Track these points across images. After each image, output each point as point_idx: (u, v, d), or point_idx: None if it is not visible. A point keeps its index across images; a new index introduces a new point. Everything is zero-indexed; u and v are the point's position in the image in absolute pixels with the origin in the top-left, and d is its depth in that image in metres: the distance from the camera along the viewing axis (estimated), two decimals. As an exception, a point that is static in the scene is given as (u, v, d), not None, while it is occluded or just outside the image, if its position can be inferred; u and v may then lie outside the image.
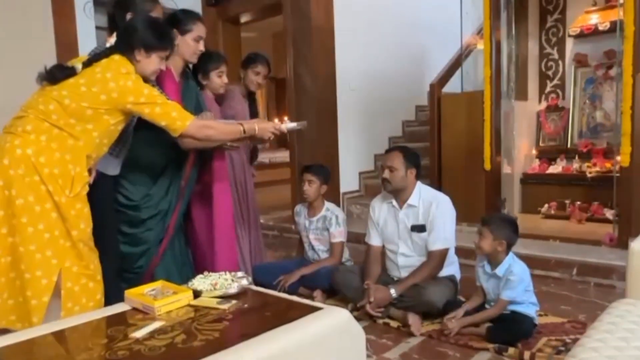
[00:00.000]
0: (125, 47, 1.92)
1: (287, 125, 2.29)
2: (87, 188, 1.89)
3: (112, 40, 1.99)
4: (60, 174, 1.79)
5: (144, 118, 1.93)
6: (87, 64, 1.88)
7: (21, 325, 1.76)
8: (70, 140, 1.83)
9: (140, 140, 2.16)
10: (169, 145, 2.18)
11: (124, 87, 1.84)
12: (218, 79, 2.71)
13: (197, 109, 2.37)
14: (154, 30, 1.97)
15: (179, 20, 2.27)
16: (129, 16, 2.13)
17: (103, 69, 1.86)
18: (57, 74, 1.85)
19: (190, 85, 2.42)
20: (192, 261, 2.47)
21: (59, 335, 1.46)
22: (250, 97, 3.10)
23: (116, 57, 1.90)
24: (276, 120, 2.28)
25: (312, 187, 2.90)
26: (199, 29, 2.29)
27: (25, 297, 1.76)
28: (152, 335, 1.39)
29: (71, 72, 1.85)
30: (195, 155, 2.35)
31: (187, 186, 2.37)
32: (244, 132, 2.12)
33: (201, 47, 2.32)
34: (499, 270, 2.24)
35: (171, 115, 1.90)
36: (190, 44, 2.28)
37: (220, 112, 2.79)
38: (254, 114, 3.08)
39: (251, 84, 3.01)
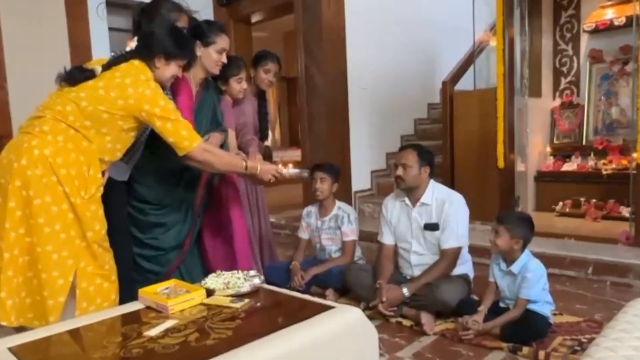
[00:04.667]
0: (145, 53, 1.93)
1: (290, 171, 2.29)
2: (101, 190, 1.90)
3: (132, 44, 2.00)
4: (76, 175, 1.81)
5: (153, 129, 1.94)
6: (107, 67, 1.90)
7: (38, 324, 1.78)
8: (84, 142, 1.84)
9: (154, 144, 2.17)
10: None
11: (142, 95, 1.85)
12: (237, 84, 2.72)
13: (213, 121, 2.36)
14: (175, 39, 1.99)
15: (203, 32, 2.24)
16: None
17: (122, 74, 1.87)
18: (76, 76, 1.86)
19: (209, 96, 2.40)
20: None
21: (74, 334, 1.48)
22: (261, 96, 3.10)
23: (135, 63, 1.91)
24: (280, 166, 2.29)
25: (324, 185, 2.89)
26: (222, 42, 2.27)
27: (42, 296, 1.78)
28: (165, 333, 1.40)
29: (90, 75, 1.87)
30: (208, 175, 2.34)
31: (202, 204, 2.38)
32: (246, 169, 2.14)
33: (224, 59, 2.30)
34: (515, 268, 2.22)
35: (181, 133, 1.91)
36: (213, 57, 2.26)
37: (234, 117, 2.82)
38: (264, 114, 3.08)
39: (262, 83, 3.01)
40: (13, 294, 1.78)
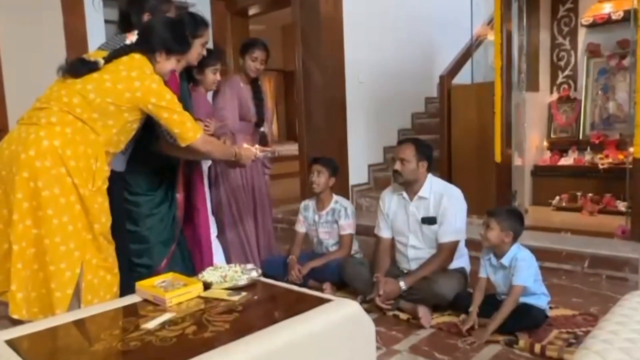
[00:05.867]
0: (146, 48, 1.94)
1: (260, 155, 2.42)
2: (107, 183, 1.90)
3: (132, 37, 1.99)
4: (84, 167, 1.80)
5: (158, 121, 1.95)
6: (108, 60, 1.89)
7: (43, 317, 1.76)
8: (92, 135, 1.84)
9: (142, 135, 2.17)
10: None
11: (149, 88, 1.87)
12: (212, 75, 2.73)
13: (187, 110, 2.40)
14: (176, 35, 2.01)
15: (192, 24, 2.28)
16: (146, 17, 2.13)
17: (127, 67, 1.87)
18: (79, 68, 1.85)
19: (184, 86, 2.45)
20: (194, 264, 2.48)
21: (71, 327, 1.48)
22: (254, 83, 3.09)
23: (137, 56, 1.92)
24: (256, 147, 2.44)
25: (320, 177, 2.90)
26: (207, 35, 2.36)
27: (49, 289, 1.77)
28: (163, 326, 1.40)
29: (94, 67, 1.86)
30: (184, 163, 2.38)
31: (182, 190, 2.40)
32: (235, 155, 2.27)
33: (204, 51, 2.39)
34: (505, 260, 2.23)
35: (186, 125, 1.95)
36: (198, 49, 2.32)
37: (213, 110, 2.82)
38: (259, 101, 3.07)
39: (250, 71, 3.01)
40: (22, 287, 1.77)
